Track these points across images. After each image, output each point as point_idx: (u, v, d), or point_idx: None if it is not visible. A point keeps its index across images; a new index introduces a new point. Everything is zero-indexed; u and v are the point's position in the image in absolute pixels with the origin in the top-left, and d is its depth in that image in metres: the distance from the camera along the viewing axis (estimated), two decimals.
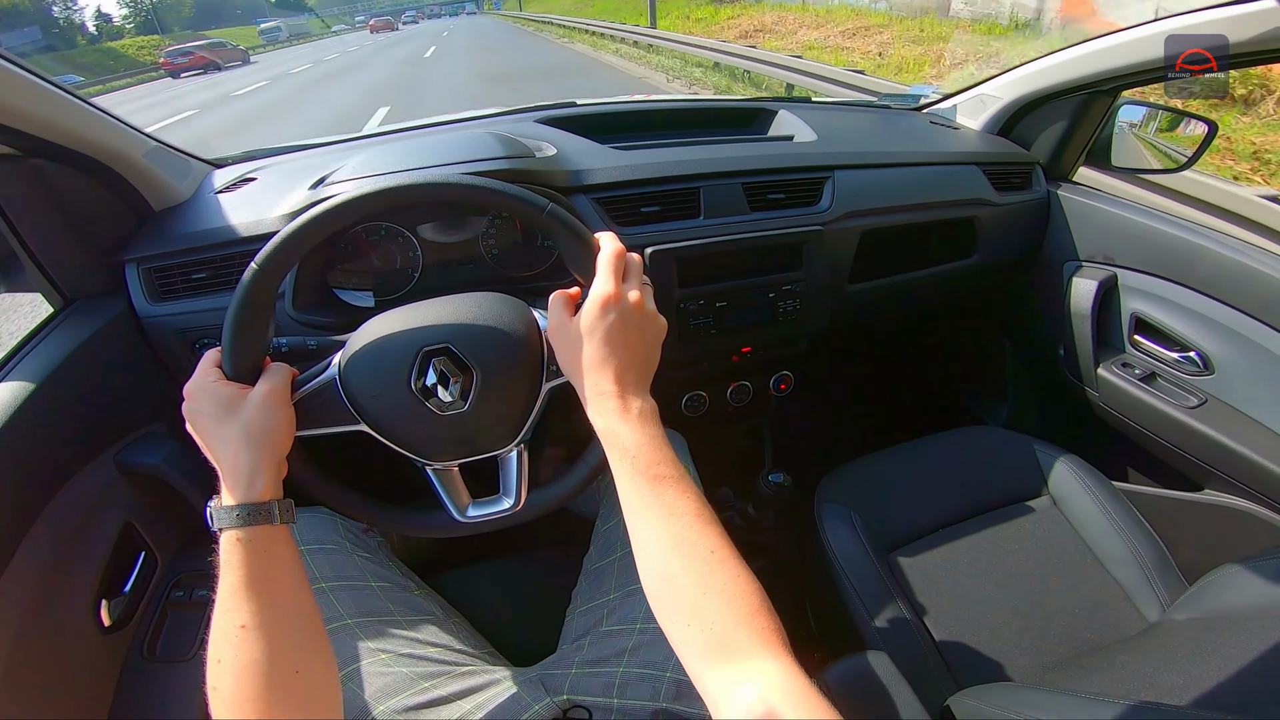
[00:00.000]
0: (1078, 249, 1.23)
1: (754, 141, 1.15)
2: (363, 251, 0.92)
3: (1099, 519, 0.97)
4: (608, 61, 11.92)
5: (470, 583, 0.90)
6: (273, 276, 0.57)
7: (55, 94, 0.78)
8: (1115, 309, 1.18)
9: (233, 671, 0.48)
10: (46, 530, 0.76)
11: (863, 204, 1.07)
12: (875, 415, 1.79)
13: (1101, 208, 1.20)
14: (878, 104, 1.54)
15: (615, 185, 0.96)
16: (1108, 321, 1.19)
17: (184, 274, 0.89)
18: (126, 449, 0.87)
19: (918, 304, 1.34)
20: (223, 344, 0.58)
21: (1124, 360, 1.15)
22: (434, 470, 0.65)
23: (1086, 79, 1.12)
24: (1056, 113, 1.25)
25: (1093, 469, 1.03)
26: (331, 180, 0.89)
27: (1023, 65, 1.26)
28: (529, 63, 13.70)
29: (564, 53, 15.05)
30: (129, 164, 0.90)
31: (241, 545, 0.52)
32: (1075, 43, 1.13)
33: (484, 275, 0.94)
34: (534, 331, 0.64)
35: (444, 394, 0.60)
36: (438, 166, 0.88)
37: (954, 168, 1.19)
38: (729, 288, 1.00)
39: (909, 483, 1.05)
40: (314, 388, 0.61)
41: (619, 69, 10.75)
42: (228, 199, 0.96)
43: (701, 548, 0.48)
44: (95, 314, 0.87)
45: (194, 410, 0.57)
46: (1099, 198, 1.22)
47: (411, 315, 0.63)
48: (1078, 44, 1.11)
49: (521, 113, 1.21)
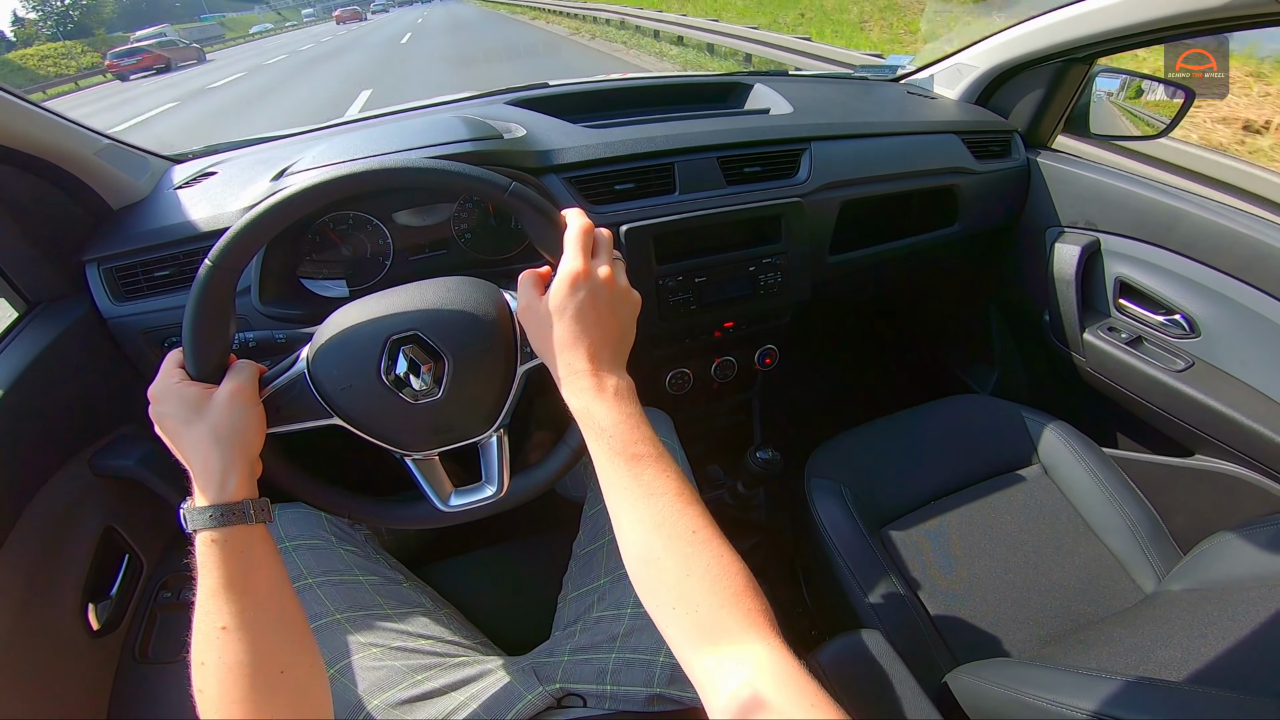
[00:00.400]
0: (1059, 215, 1.23)
1: (729, 116, 1.13)
2: (332, 241, 0.89)
3: (1091, 487, 0.97)
4: (584, 43, 11.86)
5: (460, 572, 0.89)
6: (229, 272, 0.55)
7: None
8: (1099, 274, 1.18)
9: (217, 674, 0.47)
10: (25, 536, 0.75)
11: (841, 175, 1.06)
12: (864, 387, 1.79)
13: (1081, 174, 1.19)
14: (855, 76, 1.52)
15: (587, 164, 0.94)
16: (1092, 286, 1.19)
17: (146, 272, 0.86)
18: (100, 452, 0.86)
19: (901, 274, 1.34)
20: (183, 344, 0.56)
21: (1109, 325, 1.14)
22: (413, 460, 0.64)
23: (1061, 46, 1.12)
24: (1033, 81, 1.24)
25: (1083, 435, 1.03)
26: (292, 171, 0.87)
27: (998, 33, 1.25)
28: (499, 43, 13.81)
29: (542, 35, 15.03)
30: (80, 163, 0.88)
31: (217, 546, 0.51)
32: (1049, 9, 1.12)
33: (457, 260, 0.93)
34: (505, 314, 0.63)
35: (416, 382, 0.58)
36: (401, 152, 0.85)
37: (932, 136, 1.18)
38: (708, 263, 0.99)
39: (899, 454, 1.04)
40: (283, 383, 0.60)
41: (595, 50, 10.72)
42: (187, 194, 0.93)
43: (683, 528, 0.46)
44: (59, 316, 0.85)
45: (160, 413, 0.56)
46: (1078, 164, 1.22)
47: (378, 304, 0.62)
48: (1051, 10, 1.10)
49: (491, 96, 1.19)
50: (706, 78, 1.33)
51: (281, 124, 1.23)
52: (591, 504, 0.85)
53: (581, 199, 0.93)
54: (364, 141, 0.88)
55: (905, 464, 1.02)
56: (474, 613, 0.83)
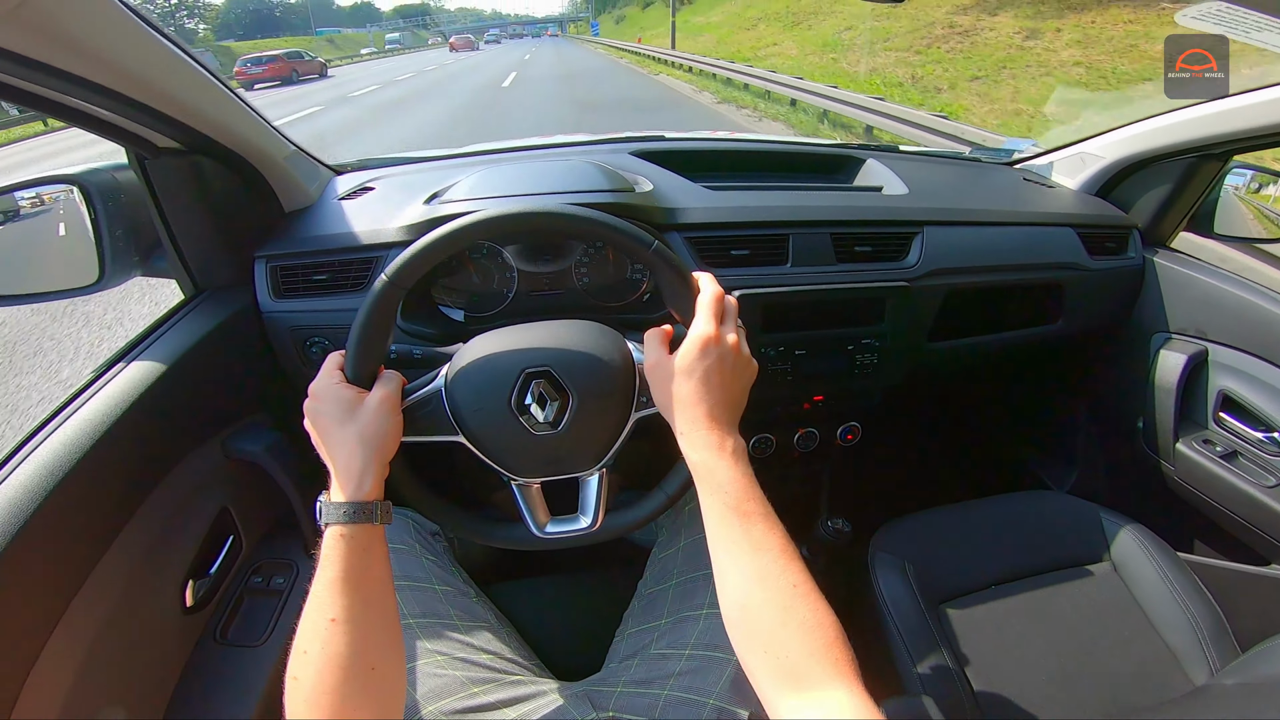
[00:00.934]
0: (1169, 320, 1.19)
1: (843, 190, 1.15)
2: (464, 268, 0.97)
3: (1158, 586, 0.95)
4: (702, 102, 11.27)
5: (523, 594, 0.92)
6: (399, 289, 0.61)
7: (225, 94, 0.83)
8: (1202, 384, 1.14)
9: (316, 664, 0.49)
10: (156, 507, 0.79)
11: (950, 262, 1.06)
12: (936, 468, 1.76)
13: (1198, 278, 1.15)
14: (968, 157, 1.51)
15: (708, 226, 0.98)
16: (1193, 397, 1.15)
17: (306, 274, 0.94)
18: (234, 435, 0.91)
19: (994, 365, 1.31)
20: (348, 349, 0.62)
21: (1205, 437, 1.11)
22: (519, 486, 0.68)
23: (1200, 141, 1.08)
24: (1161, 175, 1.21)
25: (1158, 539, 1.01)
26: (446, 198, 0.94)
27: (1130, 124, 1.22)
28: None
29: (659, 91, 13.70)
30: (271, 165, 0.96)
31: (344, 541, 0.54)
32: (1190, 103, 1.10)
33: (572, 303, 0.98)
34: (628, 362, 0.67)
35: (540, 415, 0.63)
36: (547, 194, 0.92)
37: (1047, 229, 1.16)
38: (809, 337, 1.01)
39: (967, 540, 1.04)
40: (421, 397, 0.65)
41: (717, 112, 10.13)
42: (350, 206, 1.02)
43: (784, 582, 0.50)
44: (223, 304, 0.93)
45: (315, 409, 0.61)
46: (1197, 267, 1.18)
47: (516, 337, 0.67)
48: (1194, 104, 1.07)
49: (614, 143, 1.25)
50: (820, 147, 1.34)
51: (400, 139, 1.30)
52: (661, 548, 0.88)
53: (699, 260, 0.96)
54: (511, 177, 0.95)
55: (972, 549, 1.02)
56: (530, 634, 0.86)
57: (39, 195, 0.99)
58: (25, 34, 0.55)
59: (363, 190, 1.07)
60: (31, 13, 0.54)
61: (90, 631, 0.67)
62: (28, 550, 0.60)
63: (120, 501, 0.73)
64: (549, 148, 1.28)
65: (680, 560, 0.83)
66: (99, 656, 0.68)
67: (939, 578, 0.98)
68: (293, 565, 0.92)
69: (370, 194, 1.05)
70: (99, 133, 0.77)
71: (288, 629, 0.84)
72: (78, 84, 0.64)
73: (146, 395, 0.76)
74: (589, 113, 10.46)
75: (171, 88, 0.74)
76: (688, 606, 0.77)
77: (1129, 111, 1.25)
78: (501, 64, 25.96)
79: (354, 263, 0.94)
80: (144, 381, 0.77)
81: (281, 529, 0.98)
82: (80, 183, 0.88)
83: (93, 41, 0.62)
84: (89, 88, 0.66)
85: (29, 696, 0.59)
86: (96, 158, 0.99)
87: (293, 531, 0.95)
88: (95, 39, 0.63)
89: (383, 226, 0.94)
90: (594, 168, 0.98)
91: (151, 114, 0.75)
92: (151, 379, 0.78)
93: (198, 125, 0.81)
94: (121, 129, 0.78)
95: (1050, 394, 1.51)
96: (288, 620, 0.85)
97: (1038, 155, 1.40)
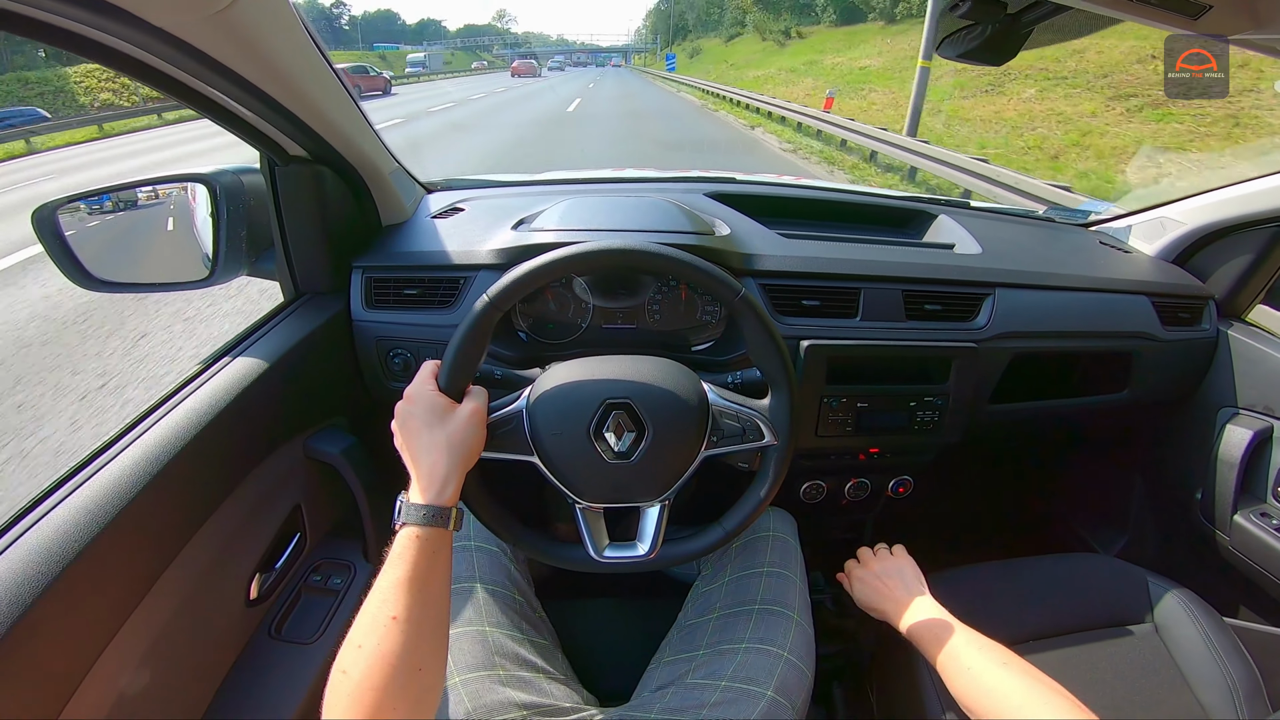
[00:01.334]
0: (1238, 396, 1.17)
1: (916, 247, 1.14)
2: (542, 296, 1.00)
3: (1199, 648, 0.95)
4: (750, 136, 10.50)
5: (566, 612, 0.94)
6: (499, 310, 0.66)
7: (355, 109, 0.88)
8: (1265, 459, 1.12)
9: (369, 658, 0.50)
10: (240, 499, 0.80)
11: (1020, 325, 1.06)
12: (978, 524, 1.74)
13: (1272, 354, 1.13)
14: (1042, 216, 1.48)
15: (782, 274, 1.00)
16: (1255, 471, 1.14)
17: (398, 288, 0.98)
18: (315, 436, 0.94)
19: (1053, 430, 1.30)
20: (444, 361, 0.66)
21: (1263, 510, 1.10)
22: (582, 509, 0.71)
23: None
24: (1243, 244, 1.18)
25: (1204, 603, 1.01)
26: (534, 226, 0.98)
27: (1214, 190, 1.20)
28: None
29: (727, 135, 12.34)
30: (378, 180, 1.01)
31: (418, 542, 0.57)
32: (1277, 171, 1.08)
33: (642, 338, 1.01)
34: (704, 402, 0.70)
35: (616, 444, 0.66)
36: (634, 231, 0.95)
37: (1122, 296, 1.14)
38: (871, 391, 1.01)
39: (1007, 595, 1.05)
40: (503, 415, 0.69)
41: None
42: (442, 225, 1.06)
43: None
44: (320, 310, 0.97)
45: (409, 411, 0.64)
46: (1272, 342, 1.16)
47: (599, 367, 0.70)
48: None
49: (687, 182, 1.27)
50: (891, 200, 1.33)
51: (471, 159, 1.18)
52: (705, 582, 0.90)
53: (770, 307, 0.98)
54: (595, 211, 0.98)
55: (1011, 605, 1.03)
56: (569, 652, 0.87)
57: (155, 190, 1.06)
58: (220, 36, 0.60)
59: (453, 210, 1.11)
60: (234, 17, 0.59)
61: (163, 616, 0.69)
62: (127, 530, 0.62)
63: (212, 490, 0.76)
64: (625, 182, 1.31)
65: (724, 594, 0.86)
66: (164, 642, 0.69)
67: (978, 631, 0.99)
68: (350, 567, 0.95)
69: (461, 215, 1.09)
70: (242, 135, 0.82)
71: (339, 630, 0.85)
72: (245, 89, 0.69)
73: (247, 391, 0.80)
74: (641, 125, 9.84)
75: (318, 101, 0.79)
76: (727, 640, 0.80)
77: (1214, 177, 1.22)
78: (562, 94, 24.76)
79: (443, 281, 0.98)
80: (246, 378, 0.81)
81: (343, 530, 1.01)
82: (211, 182, 0.93)
83: (271, 52, 0.67)
84: (252, 93, 0.71)
85: (97, 673, 0.60)
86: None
87: (353, 534, 0.98)
88: (274, 50, 0.67)
89: (474, 248, 0.98)
90: (676, 208, 1.01)
91: (295, 123, 0.80)
92: (253, 376, 0.82)
93: (329, 137, 0.86)
94: (263, 134, 0.83)
95: (1106, 462, 1.49)
96: (340, 621, 0.87)
97: (1115, 218, 1.37)
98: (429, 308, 0.98)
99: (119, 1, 0.51)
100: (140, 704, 0.65)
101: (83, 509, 0.60)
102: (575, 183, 1.29)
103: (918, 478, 1.20)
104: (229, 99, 0.72)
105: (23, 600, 0.52)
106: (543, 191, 1.20)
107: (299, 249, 0.97)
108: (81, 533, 0.58)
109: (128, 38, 0.56)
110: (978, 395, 1.07)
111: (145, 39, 0.56)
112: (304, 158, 0.89)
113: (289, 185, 0.91)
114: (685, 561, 0.76)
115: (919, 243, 1.19)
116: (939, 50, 0.90)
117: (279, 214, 0.93)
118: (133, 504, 0.63)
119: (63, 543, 0.57)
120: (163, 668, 0.69)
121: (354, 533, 0.98)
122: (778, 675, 0.75)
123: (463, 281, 0.98)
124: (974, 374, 1.03)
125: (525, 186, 1.25)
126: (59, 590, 0.55)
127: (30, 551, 0.55)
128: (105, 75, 21.71)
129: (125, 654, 0.63)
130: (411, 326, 0.98)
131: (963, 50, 0.83)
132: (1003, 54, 0.82)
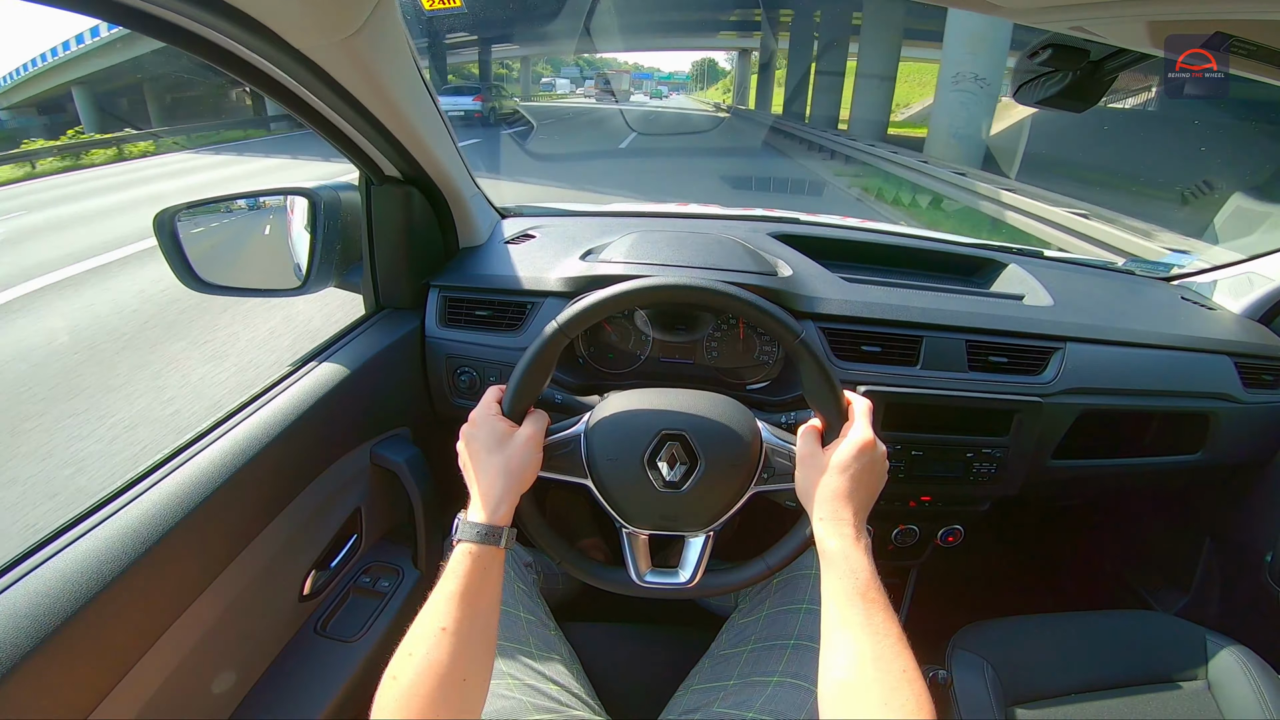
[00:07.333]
0: None
1: (984, 297, 1.12)
2: (603, 326, 1.03)
3: (1251, 702, 0.91)
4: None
5: (595, 636, 0.94)
6: (567, 337, 0.68)
7: (447, 134, 0.93)
8: None
9: (418, 667, 0.53)
10: (308, 498, 0.83)
11: (1091, 382, 1.02)
12: (1030, 575, 1.67)
13: None
14: (1121, 268, 1.43)
15: (843, 319, 0.99)
16: None
17: (470, 309, 1.03)
18: (381, 444, 0.98)
19: (1118, 490, 1.25)
20: (509, 384, 0.69)
21: None
22: (628, 534, 0.73)
23: None
24: None
25: (1262, 660, 0.96)
26: (602, 257, 1.02)
27: None
28: None
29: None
30: (460, 203, 1.06)
31: (470, 558, 0.59)
32: None
33: (700, 374, 1.02)
34: (757, 439, 0.71)
35: (669, 474, 0.68)
36: (699, 268, 0.97)
37: (1202, 355, 1.09)
38: (928, 440, 1.00)
39: (1057, 648, 1.01)
40: (561, 439, 0.71)
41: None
42: (515, 250, 1.11)
43: (895, 666, 0.54)
44: (398, 324, 1.01)
45: (472, 435, 0.67)
46: None
47: (657, 398, 0.72)
48: None
49: (751, 220, 1.29)
50: (959, 247, 1.31)
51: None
52: (742, 615, 0.90)
53: (830, 350, 0.98)
54: (661, 245, 1.01)
55: (1060, 658, 0.99)
56: (594, 675, 0.87)
57: (260, 201, 1.14)
58: (343, 61, 0.67)
59: (525, 236, 1.16)
60: (357, 43, 0.65)
61: (221, 604, 0.72)
62: (200, 523, 0.66)
63: (285, 488, 0.80)
64: (689, 217, 1.34)
65: (759, 627, 0.86)
66: (218, 629, 0.72)
67: (1019, 680, 0.95)
68: (399, 571, 0.98)
69: (532, 241, 1.14)
70: (347, 153, 0.89)
71: (381, 631, 0.89)
72: (356, 109, 0.75)
73: (326, 396, 0.85)
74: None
75: (417, 125, 0.86)
76: (758, 672, 0.80)
77: None
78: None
79: (512, 305, 1.02)
80: (327, 383, 0.86)
81: (396, 535, 1.04)
82: (313, 197, 1.00)
83: (382, 76, 0.74)
84: (361, 114, 0.77)
85: (152, 654, 0.63)
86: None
87: (405, 539, 1.02)
88: (385, 75, 0.74)
89: (543, 275, 1.03)
90: (740, 247, 1.03)
91: (395, 145, 0.86)
92: (333, 382, 0.87)
93: (423, 160, 0.92)
94: (365, 153, 0.89)
95: (1172, 523, 1.41)
96: (383, 623, 0.90)
97: (1200, 272, 1.31)
98: (497, 329, 1.02)
99: (268, 24, 0.59)
100: (184, 685, 0.69)
101: (167, 498, 0.66)
102: (643, 215, 1.33)
103: (969, 527, 1.17)
104: (341, 118, 0.79)
105: (104, 578, 0.58)
106: (611, 223, 1.24)
107: (384, 265, 1.03)
108: (166, 519, 0.64)
109: (270, 56, 0.65)
110: (1039, 450, 1.03)
111: (282, 58, 0.65)
112: (397, 178, 0.96)
113: (381, 203, 0.97)
114: (724, 593, 0.76)
115: (986, 292, 1.17)
116: (1015, 96, 0.89)
117: (371, 230, 0.99)
118: (211, 499, 0.67)
119: (149, 526, 0.63)
120: (212, 654, 0.72)
121: (406, 538, 1.02)
122: (807, 710, 0.74)
123: (530, 306, 1.02)
124: (1037, 429, 1.00)
125: (594, 217, 1.29)
126: (134, 575, 0.60)
127: (121, 531, 0.61)
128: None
129: (181, 638, 0.67)
130: (480, 346, 1.02)
131: (1042, 97, 0.82)
132: (1086, 100, 0.81)
